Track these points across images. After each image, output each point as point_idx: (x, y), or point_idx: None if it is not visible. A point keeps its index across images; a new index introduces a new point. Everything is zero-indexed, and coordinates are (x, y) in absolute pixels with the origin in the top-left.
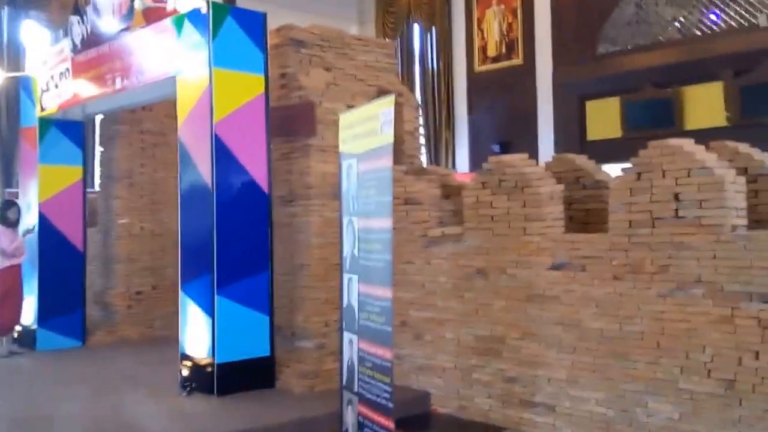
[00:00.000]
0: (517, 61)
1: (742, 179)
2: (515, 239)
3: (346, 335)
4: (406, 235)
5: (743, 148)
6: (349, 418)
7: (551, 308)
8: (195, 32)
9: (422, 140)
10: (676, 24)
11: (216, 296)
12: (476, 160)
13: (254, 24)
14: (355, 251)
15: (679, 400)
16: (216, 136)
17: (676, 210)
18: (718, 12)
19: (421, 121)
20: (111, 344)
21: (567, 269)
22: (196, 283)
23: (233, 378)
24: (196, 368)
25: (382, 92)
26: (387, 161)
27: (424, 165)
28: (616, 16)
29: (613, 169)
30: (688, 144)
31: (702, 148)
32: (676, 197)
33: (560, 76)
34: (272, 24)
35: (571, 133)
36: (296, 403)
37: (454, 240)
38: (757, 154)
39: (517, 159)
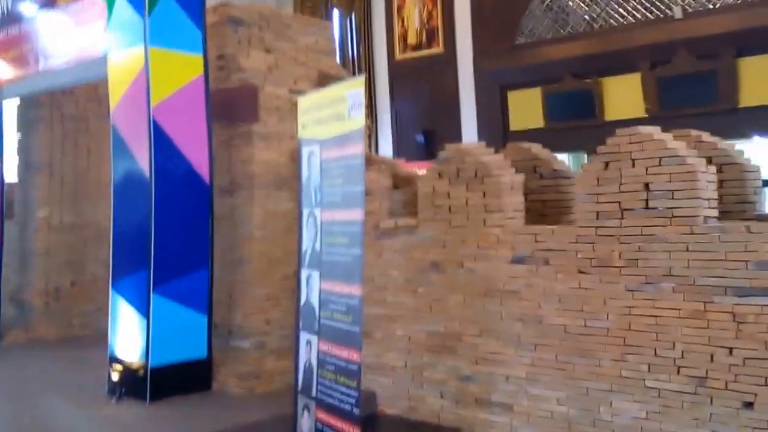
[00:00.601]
0: (438, 49)
1: (713, 168)
2: (474, 231)
3: (304, 335)
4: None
5: (707, 136)
6: (305, 424)
7: (511, 303)
8: (128, 7)
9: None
10: (593, 15)
11: (152, 295)
12: (400, 149)
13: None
14: (317, 245)
15: (646, 398)
16: (154, 121)
17: (647, 201)
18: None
19: None
20: (26, 344)
21: (529, 263)
22: (129, 280)
23: (167, 382)
24: (127, 372)
25: (323, 76)
26: (357, 148)
27: None
28: (534, 6)
29: None
30: (657, 132)
31: (671, 136)
32: (647, 187)
33: (481, 65)
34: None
35: (494, 122)
36: (237, 407)
37: (408, 232)
38: (720, 142)
39: (475, 147)
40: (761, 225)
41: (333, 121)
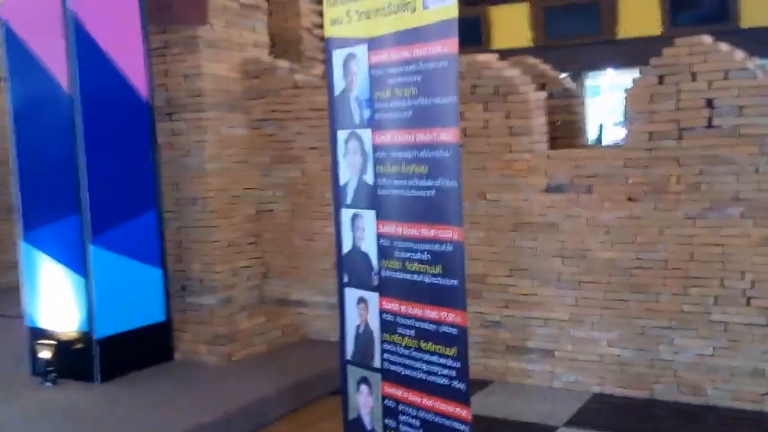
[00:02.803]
0: None
1: None
2: (496, 158)
3: (352, 292)
4: None
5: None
6: (364, 401)
7: (547, 238)
8: None
9: None
10: None
11: (90, 247)
12: None
13: None
14: (366, 177)
15: (711, 333)
16: (71, 14)
17: (710, 118)
18: None
19: None
20: None
21: (568, 191)
22: (51, 229)
23: (121, 356)
24: (63, 347)
25: None
26: (445, 45)
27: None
28: None
29: None
30: (722, 44)
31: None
32: (710, 104)
33: None
34: None
35: None
36: (223, 380)
37: None
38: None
39: (491, 59)
40: None
41: (390, 13)
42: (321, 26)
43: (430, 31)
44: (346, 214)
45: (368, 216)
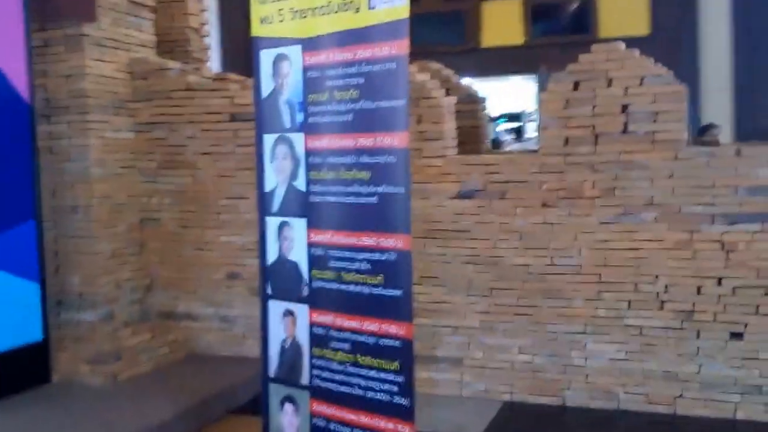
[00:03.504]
0: None
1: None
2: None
3: (277, 304)
4: (236, 161)
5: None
6: (288, 421)
7: (459, 244)
8: None
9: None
10: None
11: None
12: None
13: None
14: (298, 183)
15: (625, 337)
16: None
17: (625, 124)
18: None
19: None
20: None
21: (480, 197)
22: None
23: None
24: None
25: None
26: (397, 47)
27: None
28: None
29: None
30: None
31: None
32: (625, 109)
33: None
34: None
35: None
36: (111, 403)
37: None
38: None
39: None
40: (752, 149)
41: (329, 12)
42: (207, 25)
43: (376, 31)
44: (272, 222)
45: (298, 224)
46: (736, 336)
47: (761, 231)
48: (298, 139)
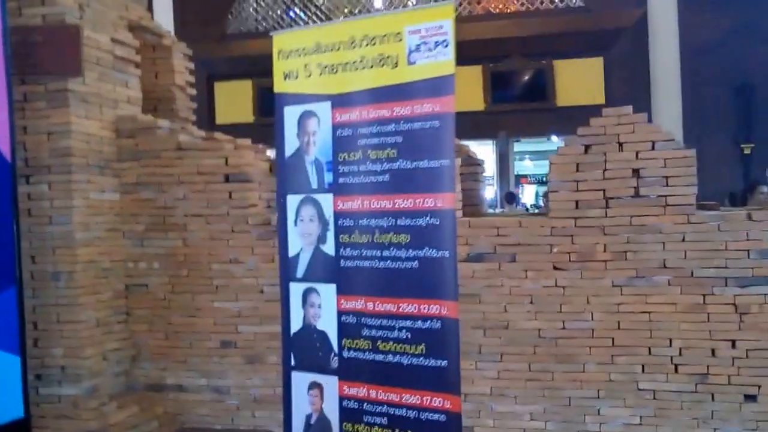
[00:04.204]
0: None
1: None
2: None
3: (302, 376)
4: (230, 224)
5: None
6: None
7: (468, 309)
8: None
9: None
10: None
11: None
12: None
13: None
14: (325, 247)
15: (639, 402)
16: None
17: (636, 188)
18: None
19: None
20: None
21: (489, 260)
22: None
23: None
24: None
25: (135, 29)
26: (442, 105)
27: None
28: None
29: None
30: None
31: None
32: (636, 173)
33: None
34: None
35: (200, 113)
36: None
37: None
38: None
39: None
40: (763, 213)
41: (363, 68)
42: (193, 85)
43: (416, 88)
44: (296, 288)
45: (327, 290)
46: (750, 398)
47: None
48: (327, 201)
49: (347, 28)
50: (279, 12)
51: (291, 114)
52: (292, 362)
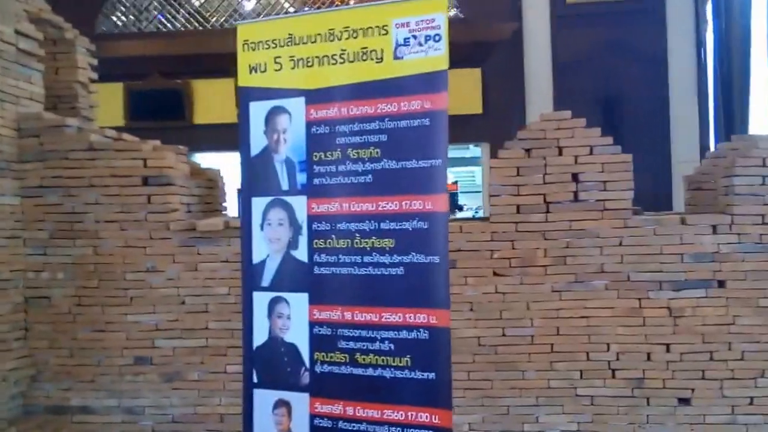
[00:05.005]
0: None
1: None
2: None
3: (266, 393)
4: (148, 230)
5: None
6: None
7: None
8: None
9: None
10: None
11: None
12: None
13: None
14: (297, 253)
15: (577, 408)
16: None
17: (575, 192)
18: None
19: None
20: None
21: None
22: None
23: None
24: None
25: (36, 21)
26: (433, 102)
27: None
28: None
29: None
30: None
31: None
32: (575, 178)
33: None
34: None
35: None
36: None
37: (236, 234)
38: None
39: None
40: (696, 217)
41: (342, 62)
42: (97, 82)
43: (404, 84)
44: (260, 298)
45: (297, 300)
46: (684, 402)
47: (706, 297)
48: (300, 203)
49: (325, 20)
50: (155, 13)
51: (258, 110)
52: (255, 379)
